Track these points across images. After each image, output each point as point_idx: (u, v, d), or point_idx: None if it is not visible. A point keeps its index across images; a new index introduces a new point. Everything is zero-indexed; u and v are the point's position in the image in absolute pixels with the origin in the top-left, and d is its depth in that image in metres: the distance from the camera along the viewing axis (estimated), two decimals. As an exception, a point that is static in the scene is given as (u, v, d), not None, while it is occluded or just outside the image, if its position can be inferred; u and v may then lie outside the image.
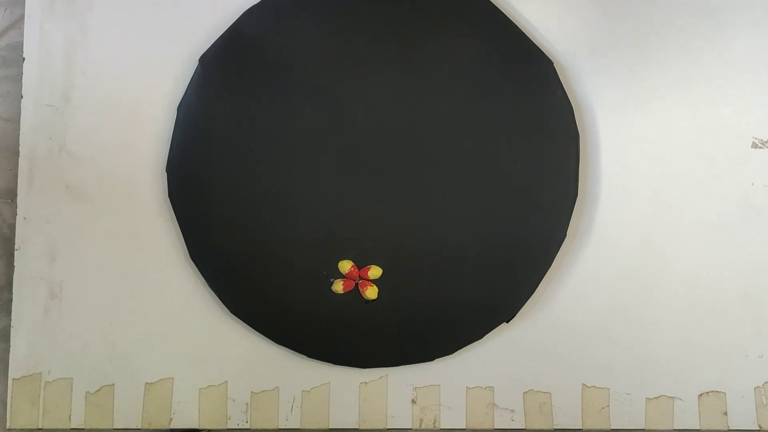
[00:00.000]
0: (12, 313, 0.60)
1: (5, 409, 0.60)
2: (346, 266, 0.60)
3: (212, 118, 0.61)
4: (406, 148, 0.61)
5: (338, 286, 0.60)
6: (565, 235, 0.60)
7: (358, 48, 0.61)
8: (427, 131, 0.61)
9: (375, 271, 0.60)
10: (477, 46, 0.61)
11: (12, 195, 0.63)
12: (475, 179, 0.60)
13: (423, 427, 0.60)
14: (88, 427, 0.60)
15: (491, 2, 0.62)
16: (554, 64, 0.61)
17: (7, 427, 0.60)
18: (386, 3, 0.61)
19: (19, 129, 0.62)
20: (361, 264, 0.60)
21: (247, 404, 0.60)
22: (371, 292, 0.60)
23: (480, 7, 0.62)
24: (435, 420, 0.60)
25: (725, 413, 0.60)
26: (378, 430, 0.60)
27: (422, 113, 0.61)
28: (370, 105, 0.61)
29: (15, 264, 0.61)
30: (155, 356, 0.60)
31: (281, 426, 0.60)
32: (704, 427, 0.60)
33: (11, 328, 0.60)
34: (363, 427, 0.60)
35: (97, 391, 0.60)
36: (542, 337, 0.60)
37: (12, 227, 0.62)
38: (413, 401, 0.60)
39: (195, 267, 0.60)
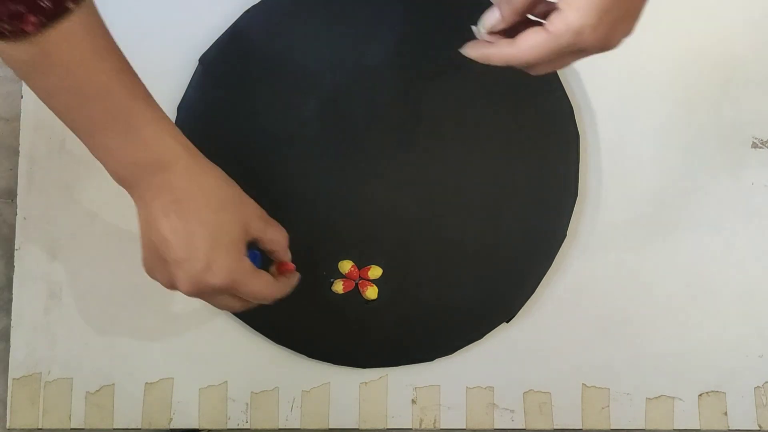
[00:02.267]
0: (12, 313, 0.60)
1: (5, 409, 0.60)
2: (346, 266, 0.60)
3: (212, 118, 0.61)
4: (407, 148, 0.60)
5: (338, 286, 0.60)
6: (565, 235, 0.60)
7: (358, 48, 0.61)
8: (427, 132, 0.61)
9: (375, 271, 0.60)
10: (477, 46, 0.61)
11: (12, 195, 0.62)
12: (475, 179, 0.60)
13: (423, 427, 0.60)
14: (88, 427, 0.60)
15: (491, 2, 0.61)
16: (554, 64, 0.61)
17: (7, 427, 0.60)
18: (386, 3, 0.61)
19: (19, 129, 0.62)
20: (361, 264, 0.60)
21: (247, 404, 0.60)
22: (371, 292, 0.60)
23: (480, 7, 0.61)
24: (435, 420, 0.60)
25: (725, 413, 0.60)
26: (378, 430, 0.60)
27: (422, 113, 0.61)
28: (370, 105, 0.61)
29: (15, 264, 0.61)
30: (155, 356, 0.60)
31: (281, 426, 0.60)
32: (704, 427, 0.60)
33: (11, 328, 0.60)
34: (363, 427, 0.60)
35: (97, 391, 0.60)
36: (542, 337, 0.60)
37: (12, 227, 0.62)
38: (413, 401, 0.60)
39: (195, 267, 0.60)
